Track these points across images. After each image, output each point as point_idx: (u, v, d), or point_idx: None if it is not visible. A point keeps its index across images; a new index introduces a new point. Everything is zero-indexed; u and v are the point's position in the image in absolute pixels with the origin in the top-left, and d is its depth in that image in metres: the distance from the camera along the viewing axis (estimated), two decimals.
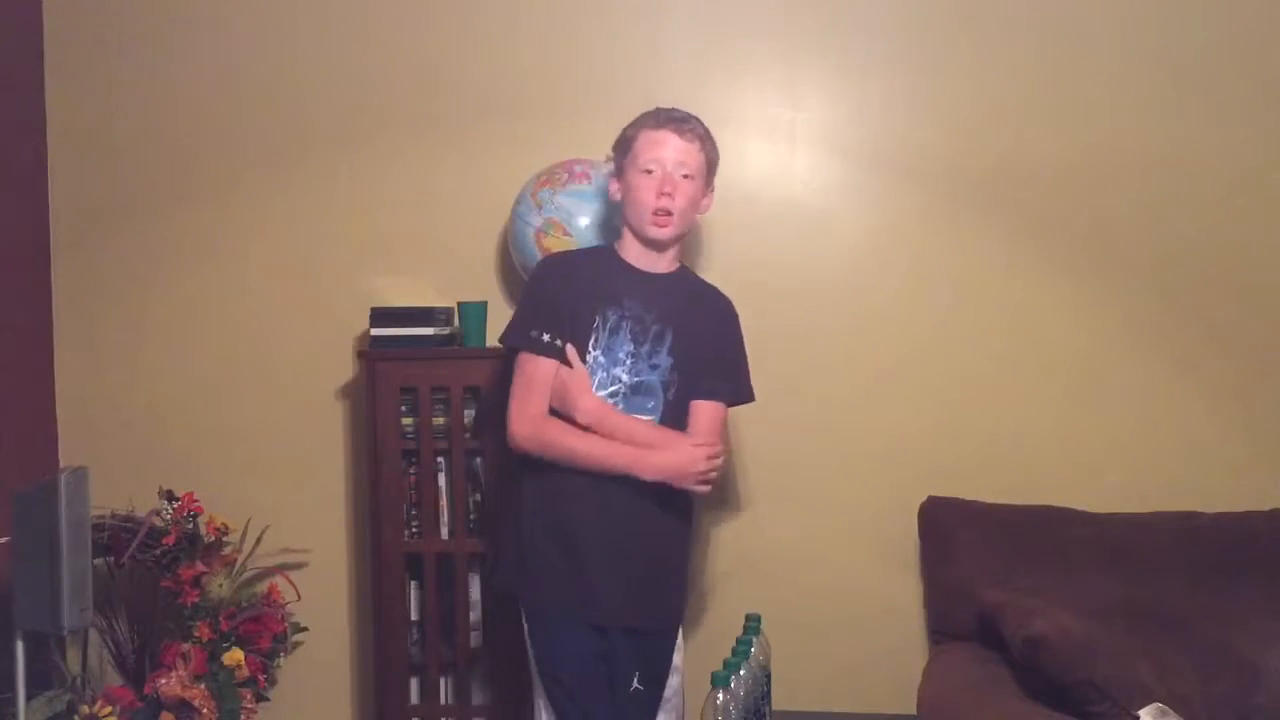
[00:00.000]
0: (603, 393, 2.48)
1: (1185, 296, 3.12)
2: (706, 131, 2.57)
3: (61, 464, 3.26)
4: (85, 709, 2.85)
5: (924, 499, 3.07)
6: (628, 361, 2.49)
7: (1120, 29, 3.12)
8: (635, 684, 2.50)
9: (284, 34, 3.30)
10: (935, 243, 3.16)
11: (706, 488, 2.50)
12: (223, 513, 3.14)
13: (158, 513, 3.05)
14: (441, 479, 3.04)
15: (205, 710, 2.94)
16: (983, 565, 2.94)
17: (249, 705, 3.05)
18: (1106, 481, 3.09)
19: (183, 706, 2.93)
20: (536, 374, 2.48)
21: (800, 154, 3.20)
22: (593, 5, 3.23)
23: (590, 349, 2.49)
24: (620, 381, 2.49)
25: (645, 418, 2.50)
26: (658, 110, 2.57)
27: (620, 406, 2.49)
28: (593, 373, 2.48)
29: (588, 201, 2.87)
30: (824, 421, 3.18)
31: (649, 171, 2.50)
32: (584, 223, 2.87)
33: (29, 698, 2.71)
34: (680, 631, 2.64)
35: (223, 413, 3.32)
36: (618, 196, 2.59)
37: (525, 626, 2.55)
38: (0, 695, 2.71)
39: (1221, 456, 3.09)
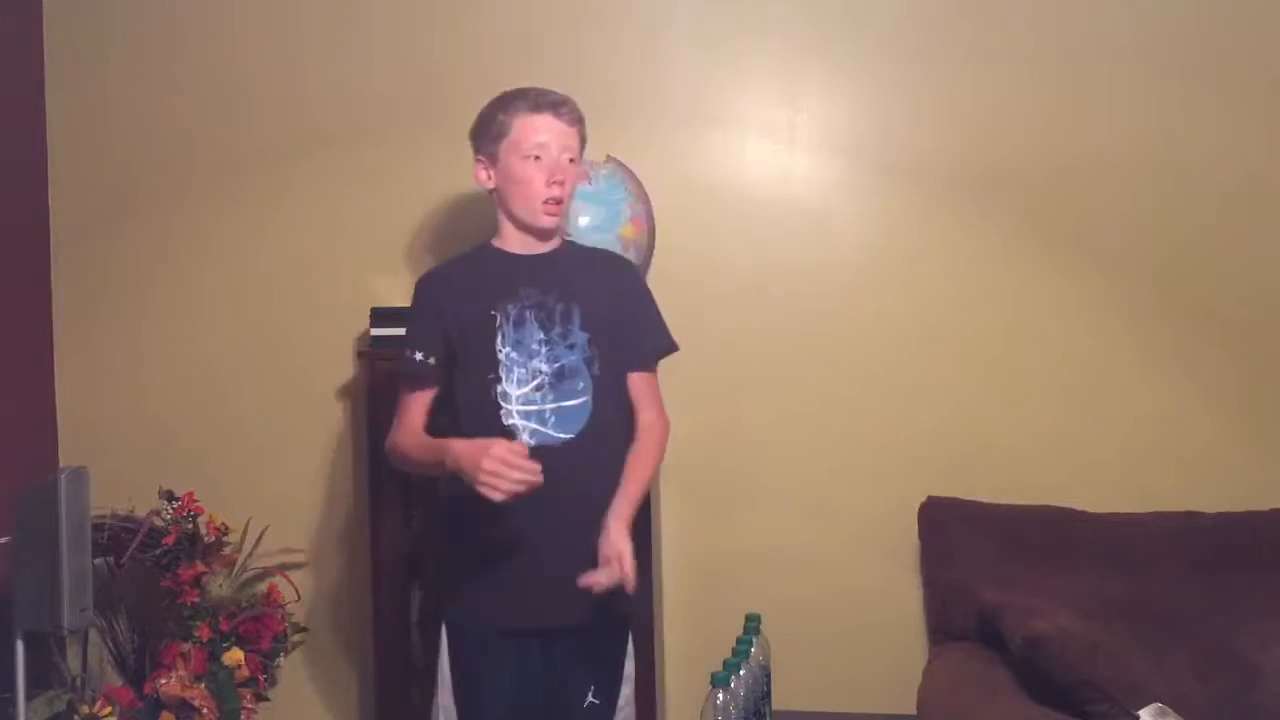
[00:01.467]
0: (526, 388, 2.38)
1: (1185, 296, 3.12)
2: (580, 111, 2.49)
3: (61, 464, 3.26)
4: (85, 709, 2.85)
5: (924, 499, 3.07)
6: (543, 350, 2.39)
7: (1121, 28, 3.12)
8: (590, 698, 2.39)
9: (284, 34, 3.30)
10: (935, 243, 3.16)
11: (494, 494, 2.17)
12: (223, 513, 3.14)
13: (158, 513, 3.05)
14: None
15: (205, 710, 2.94)
16: (982, 565, 2.94)
17: (249, 705, 3.05)
18: (1106, 481, 3.09)
19: (183, 706, 2.92)
20: (406, 397, 2.44)
21: (800, 154, 3.20)
22: (593, 5, 3.23)
23: (500, 348, 2.39)
24: (541, 372, 2.38)
25: (577, 400, 2.39)
26: (528, 91, 2.46)
27: (550, 396, 2.38)
28: (509, 370, 2.38)
29: (588, 201, 2.87)
30: (824, 422, 3.18)
31: (534, 158, 2.41)
32: (584, 222, 2.86)
33: (29, 698, 2.71)
34: (630, 638, 2.49)
35: (223, 412, 3.32)
36: (490, 184, 2.48)
37: (445, 645, 2.41)
38: (0, 695, 2.71)
39: (1221, 456, 3.09)
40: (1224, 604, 2.83)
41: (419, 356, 2.41)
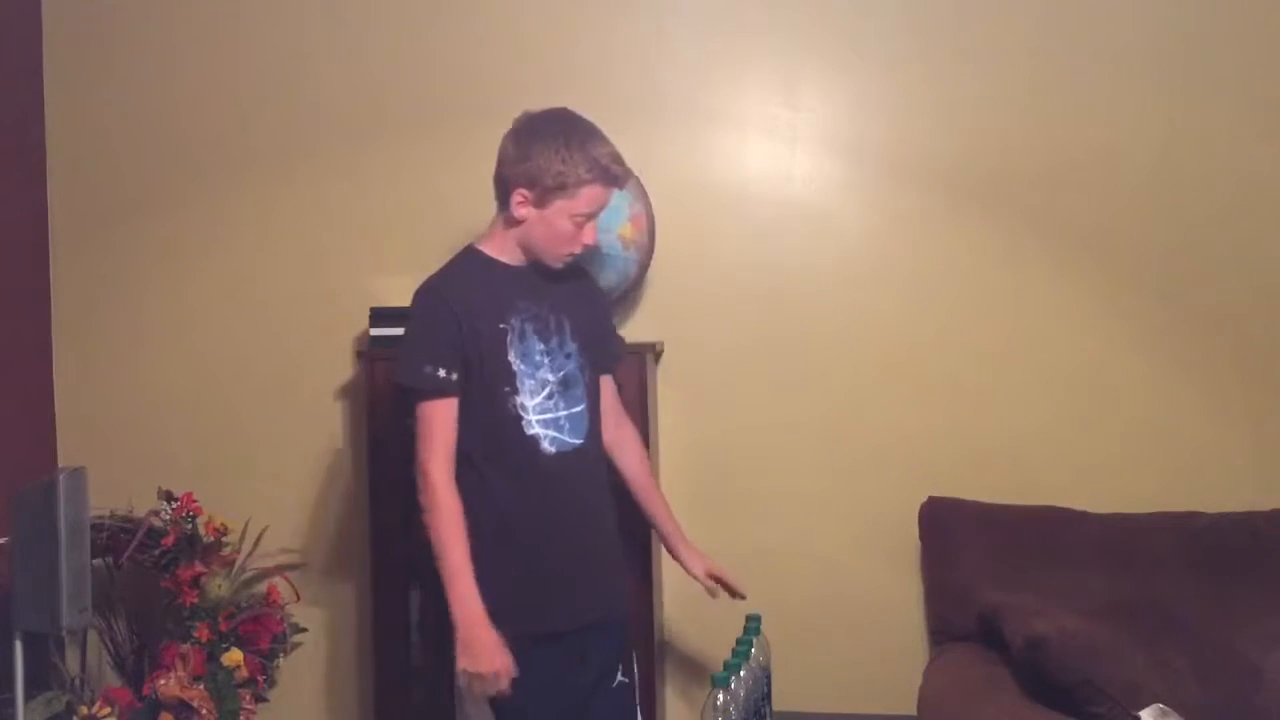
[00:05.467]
0: (539, 397, 2.40)
1: (1186, 296, 3.12)
2: None
3: (61, 464, 3.25)
4: (84, 709, 2.85)
5: (924, 500, 3.07)
6: (545, 360, 2.42)
7: (1122, 26, 3.12)
8: (620, 677, 2.49)
9: (284, 34, 3.30)
10: (935, 242, 3.16)
11: (466, 679, 2.30)
12: (222, 513, 3.13)
13: (156, 513, 3.05)
14: None
15: (204, 711, 2.93)
16: (983, 566, 2.94)
17: (248, 706, 3.04)
18: (1106, 481, 3.08)
19: (182, 707, 2.92)
20: (436, 419, 2.35)
21: (800, 154, 3.19)
22: (593, 4, 3.23)
23: (511, 360, 2.40)
24: (549, 381, 2.42)
25: (580, 407, 2.44)
26: (608, 167, 2.41)
27: (561, 403, 2.41)
28: (521, 381, 2.39)
29: None
30: (824, 422, 3.17)
31: (579, 225, 2.42)
32: None
33: (28, 698, 2.71)
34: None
35: (222, 413, 3.32)
36: (526, 217, 2.43)
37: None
38: None
39: (1221, 456, 3.09)
40: (1224, 604, 2.82)
41: (442, 373, 2.35)
